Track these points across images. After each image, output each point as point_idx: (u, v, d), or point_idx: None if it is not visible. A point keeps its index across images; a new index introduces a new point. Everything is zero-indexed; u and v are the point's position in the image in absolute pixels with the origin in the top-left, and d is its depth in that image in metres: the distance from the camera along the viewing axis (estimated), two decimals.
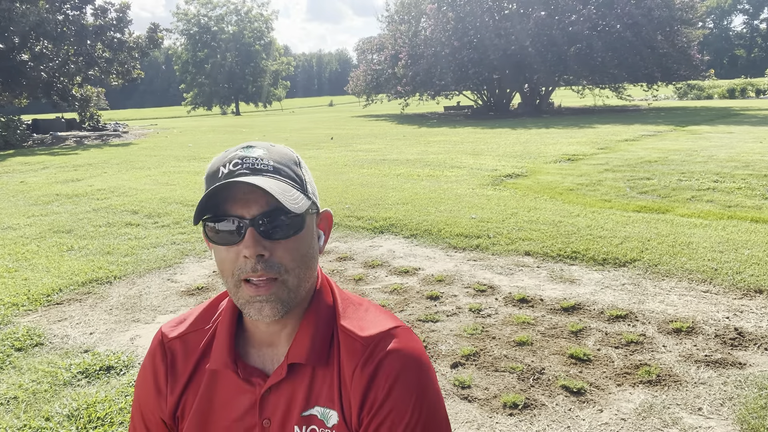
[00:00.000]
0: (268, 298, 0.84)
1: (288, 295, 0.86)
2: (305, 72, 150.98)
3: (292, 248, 0.85)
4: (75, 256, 5.10)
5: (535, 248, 4.81)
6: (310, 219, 0.90)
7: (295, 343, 0.91)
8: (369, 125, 23.12)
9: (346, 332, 0.92)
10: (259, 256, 0.83)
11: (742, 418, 2.37)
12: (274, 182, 0.83)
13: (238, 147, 0.89)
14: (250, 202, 0.83)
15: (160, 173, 10.32)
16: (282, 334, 0.93)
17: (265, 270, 0.83)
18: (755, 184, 7.30)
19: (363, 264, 4.70)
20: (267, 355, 0.95)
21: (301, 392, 0.91)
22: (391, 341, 0.90)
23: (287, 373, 0.91)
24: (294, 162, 0.90)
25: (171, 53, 56.49)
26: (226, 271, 0.86)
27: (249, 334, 0.96)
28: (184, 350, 0.99)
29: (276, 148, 0.90)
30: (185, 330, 1.01)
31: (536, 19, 24.05)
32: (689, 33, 25.26)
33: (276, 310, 0.85)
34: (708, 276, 4.02)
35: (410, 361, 0.90)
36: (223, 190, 0.82)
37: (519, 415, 2.47)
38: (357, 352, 0.90)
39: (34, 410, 2.62)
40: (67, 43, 21.55)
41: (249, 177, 0.83)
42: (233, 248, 0.84)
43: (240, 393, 0.93)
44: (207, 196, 0.82)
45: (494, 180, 8.35)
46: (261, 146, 0.89)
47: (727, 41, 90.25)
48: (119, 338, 3.43)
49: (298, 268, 0.86)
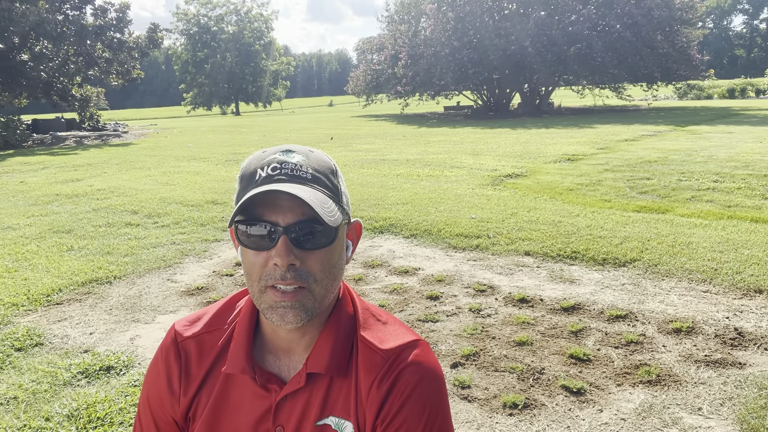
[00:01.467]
0: (293, 305, 0.84)
1: (313, 304, 0.86)
2: (305, 72, 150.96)
3: (323, 258, 0.85)
4: (75, 256, 5.10)
5: (534, 248, 4.81)
6: (342, 230, 0.89)
7: (315, 352, 0.91)
8: (369, 125, 23.12)
9: (366, 344, 0.92)
10: (291, 265, 0.83)
11: (741, 418, 2.37)
12: (312, 192, 0.82)
13: (277, 150, 0.88)
14: (285, 210, 0.82)
15: (160, 173, 10.32)
16: (301, 341, 0.93)
17: (295, 278, 0.83)
18: (755, 184, 7.30)
19: (363, 264, 4.70)
20: (284, 362, 0.94)
21: (317, 401, 0.91)
22: (411, 354, 0.91)
23: (306, 382, 0.91)
24: (331, 171, 0.89)
25: (171, 53, 56.49)
26: (253, 275, 0.85)
27: (267, 339, 0.95)
28: (199, 351, 0.98)
29: (315, 154, 0.89)
30: (200, 330, 0.99)
31: (536, 19, 24.05)
32: (689, 33, 25.26)
33: (299, 317, 0.85)
34: (708, 276, 4.02)
35: (428, 374, 0.90)
36: (261, 194, 0.81)
37: (519, 415, 2.47)
38: (377, 365, 0.90)
39: (33, 410, 2.62)
40: (66, 43, 21.54)
41: (287, 185, 0.82)
42: (263, 253, 0.84)
43: (255, 398, 0.93)
44: (249, 200, 0.81)
45: (494, 180, 8.35)
46: (300, 151, 0.88)
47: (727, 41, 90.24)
48: (119, 338, 3.43)
49: (326, 279, 0.86)
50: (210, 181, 9.14)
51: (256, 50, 53.42)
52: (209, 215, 6.54)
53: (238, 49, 52.21)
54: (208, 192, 8.02)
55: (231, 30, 52.67)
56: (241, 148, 14.53)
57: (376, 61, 31.71)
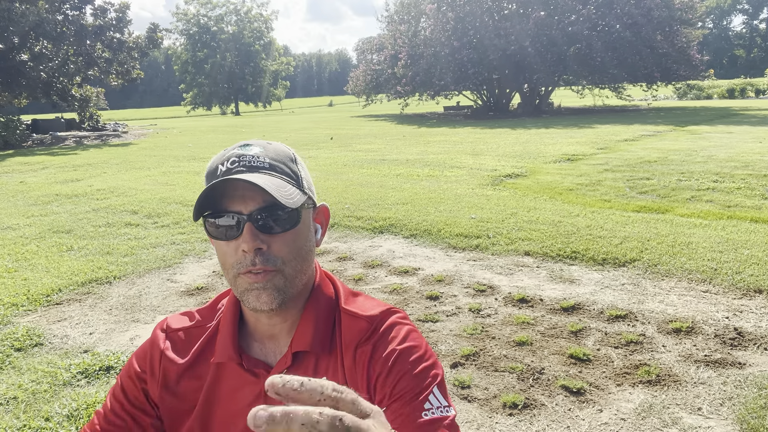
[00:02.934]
0: (265, 285, 0.87)
1: (285, 284, 0.89)
2: (305, 72, 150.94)
3: (289, 241, 0.89)
4: (74, 257, 5.10)
5: (534, 248, 4.81)
6: (306, 213, 0.93)
7: (298, 332, 0.94)
8: (368, 125, 23.12)
9: (349, 313, 0.96)
10: (257, 250, 0.86)
11: (741, 417, 2.38)
12: (269, 179, 0.86)
13: (236, 145, 0.92)
14: (247, 199, 0.86)
15: (159, 173, 10.32)
16: (283, 326, 0.96)
17: (263, 263, 0.87)
18: (755, 184, 7.30)
19: (363, 264, 4.70)
20: (270, 348, 0.97)
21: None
22: (393, 316, 0.96)
23: (292, 362, 0.93)
24: (290, 158, 0.93)
25: (170, 53, 56.50)
26: (227, 264, 0.89)
27: (251, 328, 0.98)
28: (186, 341, 1.01)
29: (272, 145, 0.93)
30: (188, 325, 1.03)
31: (536, 19, 24.05)
32: (689, 33, 25.25)
33: (272, 297, 0.88)
34: (708, 276, 4.02)
35: (413, 329, 0.95)
36: (221, 187, 0.86)
37: (519, 415, 2.47)
38: (362, 329, 0.94)
39: (33, 410, 2.62)
40: (66, 43, 21.53)
41: (246, 174, 0.86)
42: (233, 243, 0.88)
43: (244, 385, 0.95)
44: (205, 193, 0.85)
45: (494, 180, 8.35)
46: (257, 144, 0.92)
47: (727, 41, 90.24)
48: (119, 338, 3.43)
49: (294, 260, 0.90)
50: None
51: (256, 50, 53.42)
52: None
53: (238, 49, 52.21)
54: None
55: (231, 30, 52.67)
56: None
57: (375, 61, 31.70)
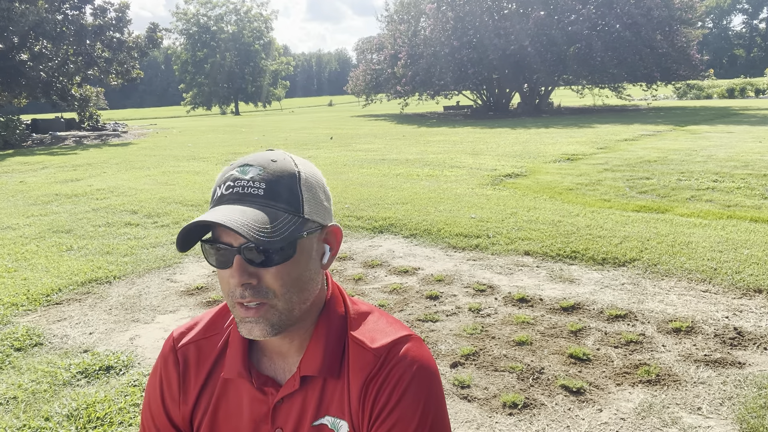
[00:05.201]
0: (257, 320, 0.85)
1: (279, 318, 0.86)
2: (305, 72, 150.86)
3: (282, 273, 0.84)
4: (74, 256, 5.10)
5: (534, 248, 4.81)
6: (307, 241, 0.87)
7: (307, 355, 0.92)
8: (368, 125, 23.12)
9: (357, 343, 0.93)
10: (246, 284, 0.83)
11: (741, 417, 2.38)
12: (252, 214, 0.81)
13: (236, 164, 0.87)
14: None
15: (159, 173, 10.32)
16: (291, 345, 0.94)
17: (253, 296, 0.84)
18: (754, 183, 7.30)
19: (362, 264, 4.70)
20: (279, 365, 0.96)
21: (312, 402, 0.92)
22: (402, 350, 0.91)
23: (300, 385, 0.92)
24: (293, 179, 0.86)
25: (170, 53, 56.48)
26: (224, 290, 0.87)
27: (261, 343, 0.97)
28: (197, 357, 1.00)
29: (277, 164, 0.86)
30: (196, 336, 1.01)
31: (535, 19, 24.06)
32: (688, 33, 25.26)
33: (265, 331, 0.85)
34: (707, 275, 4.02)
35: (420, 370, 0.90)
36: (198, 224, 0.83)
37: (518, 415, 2.47)
38: (368, 363, 0.91)
39: (33, 410, 2.62)
40: (66, 43, 21.52)
41: (233, 205, 0.83)
42: (227, 270, 0.85)
43: (253, 401, 0.94)
44: (186, 229, 0.83)
45: (494, 180, 8.35)
46: (259, 164, 0.86)
47: (727, 41, 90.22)
48: (119, 338, 3.43)
49: (288, 293, 0.86)
50: (209, 181, 9.13)
51: (256, 50, 53.39)
52: None
53: (238, 48, 52.18)
54: (208, 192, 8.01)
55: (230, 30, 52.64)
56: (240, 148, 14.53)
57: (375, 61, 31.71)
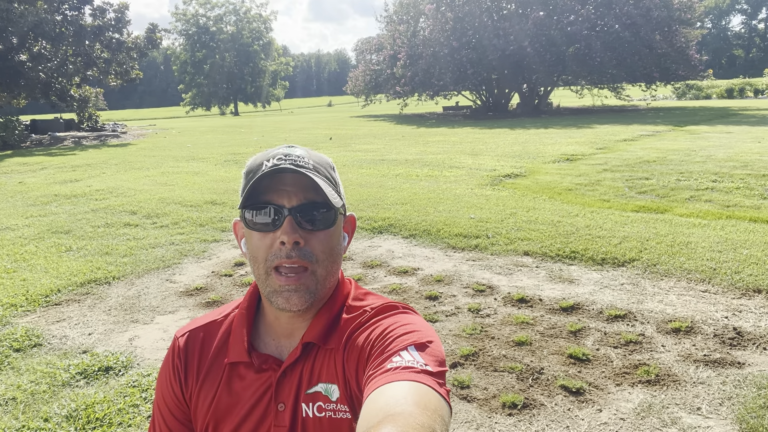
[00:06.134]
0: (297, 288, 0.90)
1: (316, 286, 0.92)
2: (304, 72, 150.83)
3: (324, 240, 0.92)
4: (73, 257, 5.09)
5: (533, 248, 4.81)
6: (340, 219, 0.97)
7: (311, 326, 0.96)
8: (368, 125, 23.12)
9: (351, 306, 0.98)
10: (296, 243, 0.89)
11: (740, 417, 2.38)
12: (316, 176, 0.91)
13: (281, 146, 0.97)
14: (290, 194, 0.90)
15: (158, 173, 10.31)
16: (302, 325, 0.98)
17: (299, 257, 0.89)
18: (754, 183, 7.30)
19: (362, 264, 4.69)
20: (284, 345, 0.99)
21: (306, 372, 0.95)
22: (391, 309, 0.97)
23: (301, 352, 0.95)
24: (330, 166, 0.98)
25: (169, 53, 56.47)
26: (259, 257, 0.92)
27: (268, 326, 1.00)
28: (201, 345, 1.03)
29: (313, 152, 0.98)
30: (199, 326, 1.05)
31: (535, 20, 24.06)
32: (687, 33, 25.27)
33: (303, 299, 0.90)
34: (707, 276, 4.02)
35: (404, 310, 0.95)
36: (265, 180, 0.90)
37: (518, 415, 2.47)
38: (355, 318, 0.96)
39: (32, 411, 2.62)
40: (65, 44, 21.51)
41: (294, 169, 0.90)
42: (269, 235, 0.90)
43: (257, 383, 0.97)
44: (254, 184, 0.89)
45: (493, 180, 8.35)
46: (301, 148, 0.97)
47: (726, 41, 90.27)
48: (118, 339, 3.43)
49: (327, 260, 0.93)
50: (209, 181, 9.13)
51: (255, 50, 53.38)
52: (208, 215, 6.54)
53: (237, 49, 52.17)
54: (207, 192, 8.01)
55: (230, 30, 52.62)
56: (239, 149, 14.52)
57: (375, 62, 31.70)
